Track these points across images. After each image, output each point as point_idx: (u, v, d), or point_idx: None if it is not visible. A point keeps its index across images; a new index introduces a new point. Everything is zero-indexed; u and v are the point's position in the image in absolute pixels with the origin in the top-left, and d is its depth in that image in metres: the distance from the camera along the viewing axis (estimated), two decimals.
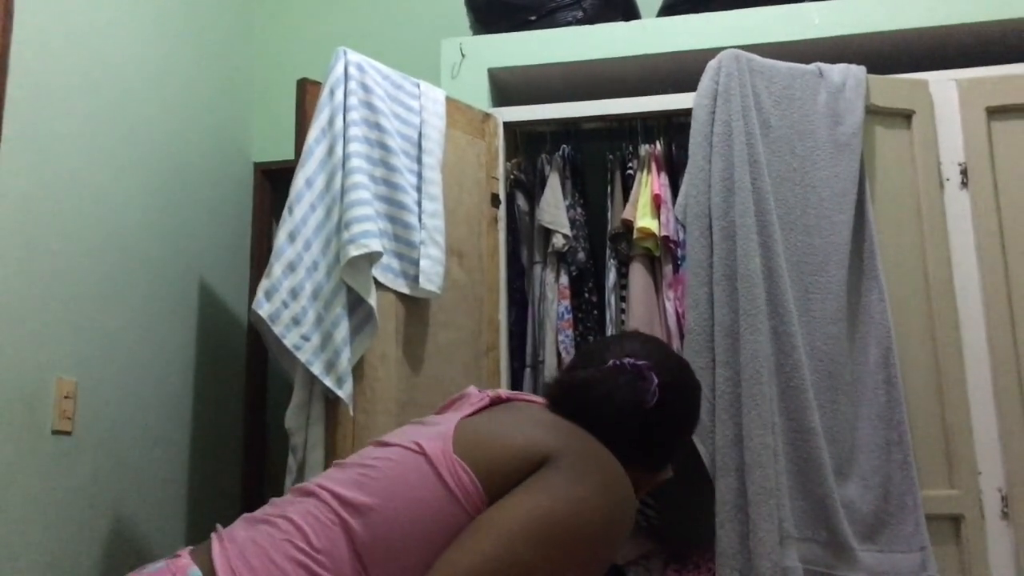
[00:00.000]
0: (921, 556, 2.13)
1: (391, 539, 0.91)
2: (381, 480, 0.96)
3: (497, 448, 0.97)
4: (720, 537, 2.08)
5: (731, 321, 2.18)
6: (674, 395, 1.12)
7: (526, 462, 0.95)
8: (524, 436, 0.99)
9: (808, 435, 2.13)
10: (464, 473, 0.94)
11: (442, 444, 0.98)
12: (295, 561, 0.91)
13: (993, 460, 2.24)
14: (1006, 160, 2.41)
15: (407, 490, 0.94)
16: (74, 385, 2.04)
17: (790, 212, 2.29)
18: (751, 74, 2.34)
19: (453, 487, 0.93)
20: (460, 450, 0.96)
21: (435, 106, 2.47)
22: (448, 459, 0.95)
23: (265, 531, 0.95)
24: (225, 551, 0.93)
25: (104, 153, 2.23)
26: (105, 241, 2.21)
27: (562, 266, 2.69)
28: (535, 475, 0.93)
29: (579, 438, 1.01)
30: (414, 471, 0.96)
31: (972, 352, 2.31)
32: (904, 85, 2.48)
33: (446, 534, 0.91)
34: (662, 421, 1.10)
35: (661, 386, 1.10)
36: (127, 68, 2.36)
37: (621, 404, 1.09)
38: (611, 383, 1.12)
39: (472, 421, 1.04)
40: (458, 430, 1.01)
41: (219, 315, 2.79)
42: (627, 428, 1.08)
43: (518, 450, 0.96)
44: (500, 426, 1.02)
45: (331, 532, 0.92)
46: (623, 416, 1.09)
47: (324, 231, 2.21)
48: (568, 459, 0.95)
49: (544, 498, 0.91)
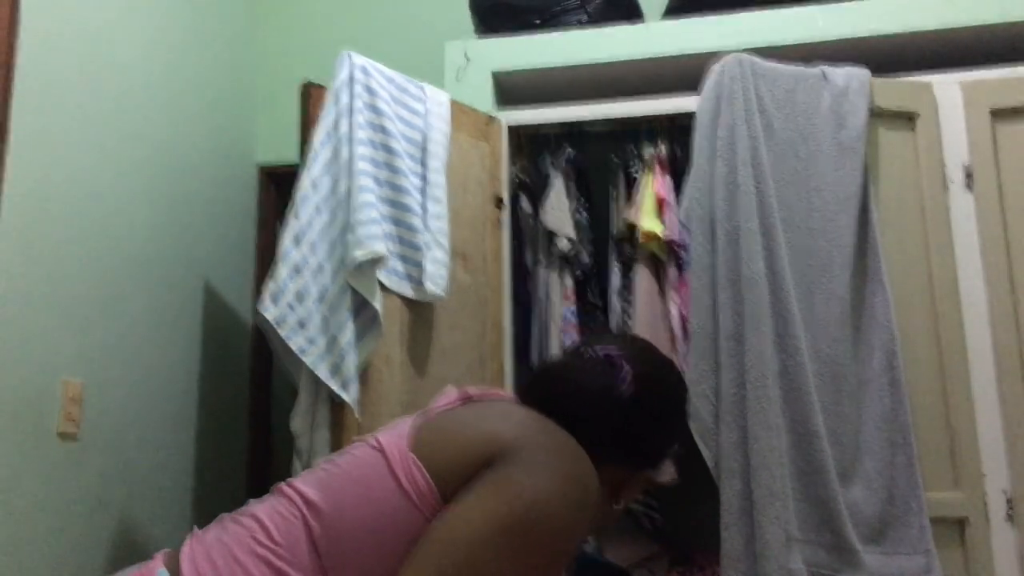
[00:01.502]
0: (925, 559, 2.13)
1: (344, 535, 0.91)
2: (339, 477, 0.97)
3: (452, 445, 0.95)
4: (725, 540, 2.08)
5: (735, 324, 2.18)
6: (652, 388, 1.08)
7: (479, 458, 0.93)
8: (478, 431, 0.97)
9: (812, 438, 2.13)
10: (418, 471, 0.93)
11: (399, 441, 0.97)
12: (255, 555, 0.93)
13: (998, 462, 2.24)
14: (1011, 162, 2.41)
15: (361, 488, 0.94)
16: (80, 388, 2.04)
17: (793, 215, 2.29)
18: (754, 77, 2.34)
19: (407, 485, 0.92)
20: (416, 448, 0.96)
21: (439, 109, 2.48)
22: (403, 457, 0.95)
23: (232, 529, 0.97)
24: (192, 551, 0.96)
25: (109, 155, 2.24)
26: (110, 244, 2.22)
27: (566, 269, 2.70)
28: (489, 473, 0.91)
29: (537, 429, 0.97)
30: (371, 468, 0.96)
31: (977, 354, 2.30)
32: (908, 87, 2.48)
33: (399, 533, 0.91)
34: (638, 413, 1.06)
35: (637, 377, 1.07)
36: (132, 71, 2.37)
37: (589, 390, 1.06)
38: (580, 370, 1.10)
39: (434, 419, 1.02)
40: (418, 428, 1.00)
41: (224, 318, 2.79)
42: (599, 418, 1.05)
43: (471, 446, 0.94)
44: (458, 423, 1.00)
45: (292, 526, 0.94)
46: (593, 404, 1.06)
47: (329, 234, 2.22)
48: (521, 451, 0.92)
49: (498, 500, 0.89)
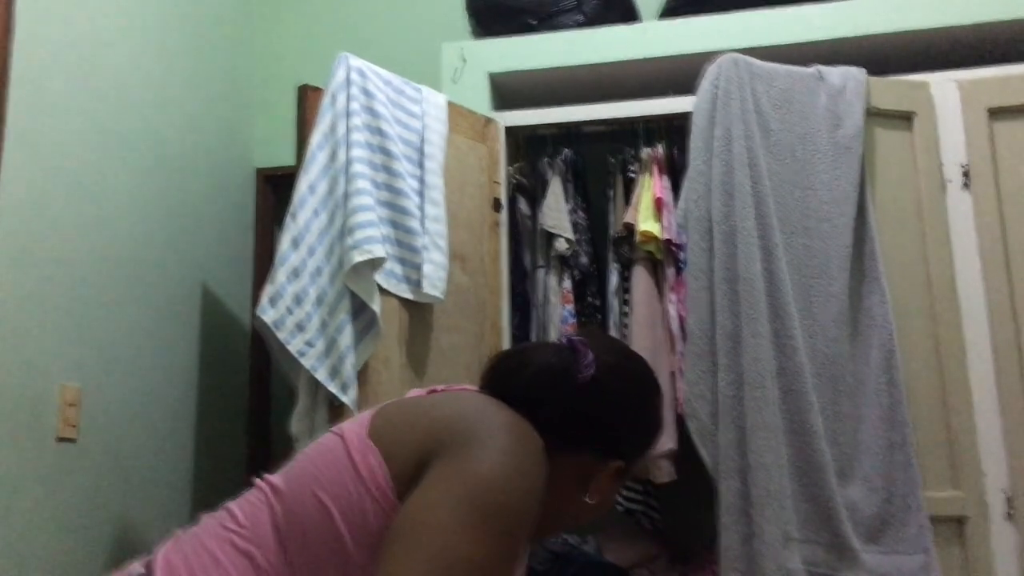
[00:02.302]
0: (924, 558, 2.13)
1: (300, 516, 0.93)
2: (302, 462, 1.00)
3: (404, 431, 0.96)
4: (723, 539, 2.09)
5: (733, 325, 2.18)
6: (616, 375, 1.07)
7: (429, 443, 0.93)
8: (429, 417, 0.97)
9: (810, 438, 2.13)
10: (372, 456, 0.94)
11: (359, 429, 0.98)
12: (220, 538, 0.95)
13: (997, 461, 2.24)
14: (1008, 161, 2.41)
15: (319, 471, 0.95)
16: (78, 392, 2.04)
17: (790, 216, 2.29)
18: (750, 77, 2.35)
19: (362, 470, 0.93)
20: (373, 434, 0.97)
21: (437, 111, 2.48)
22: (361, 442, 0.96)
23: (205, 522, 1.00)
24: (167, 547, 0.99)
25: (105, 158, 2.24)
26: (107, 247, 2.22)
27: (565, 270, 2.70)
28: (443, 460, 0.90)
29: (486, 411, 0.97)
30: (330, 453, 0.97)
31: (975, 353, 2.31)
32: (905, 87, 2.48)
33: (352, 517, 0.91)
34: (598, 398, 1.05)
35: (600, 364, 1.06)
36: (128, 74, 2.37)
37: (547, 371, 1.05)
38: (540, 351, 1.10)
39: (391, 407, 1.03)
40: (376, 415, 1.01)
41: (222, 321, 2.79)
42: (556, 400, 1.04)
43: (421, 431, 0.95)
44: (411, 411, 1.00)
45: (257, 510, 0.97)
46: (550, 384, 1.05)
47: (327, 237, 2.22)
48: (472, 433, 0.92)
49: (457, 484, 0.88)
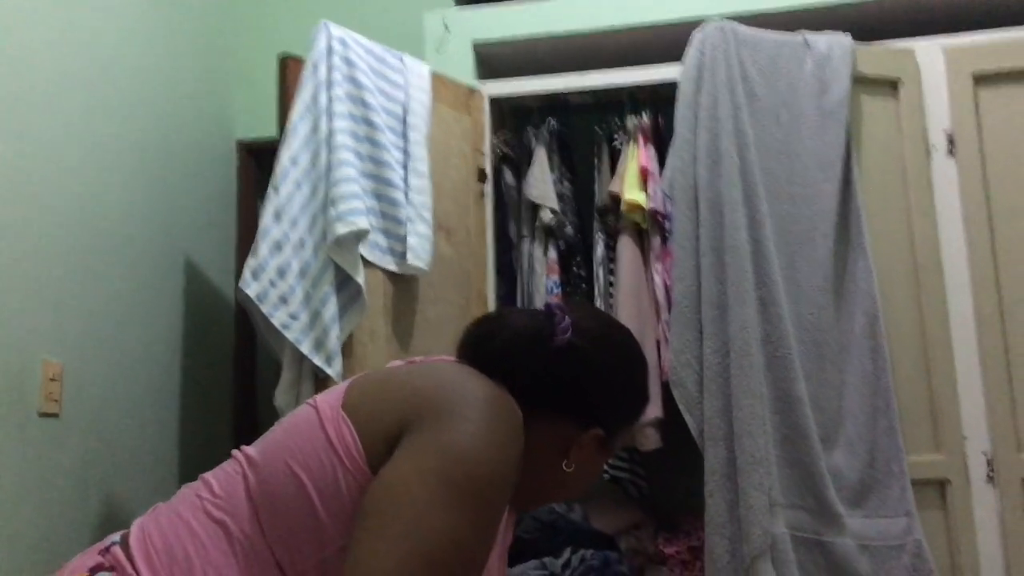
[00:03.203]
0: (907, 521, 2.16)
1: (274, 487, 0.92)
2: (277, 433, 0.99)
3: (376, 402, 0.95)
4: (709, 506, 2.11)
5: (718, 293, 2.18)
6: (594, 341, 1.05)
7: (401, 414, 0.91)
8: (402, 387, 0.96)
9: (795, 404, 2.14)
10: (346, 427, 0.93)
11: (333, 399, 0.98)
12: (195, 507, 0.95)
13: (979, 425, 2.27)
14: (993, 127, 2.41)
15: (294, 442, 0.95)
16: (60, 367, 2.03)
17: (776, 183, 2.29)
18: (736, 44, 2.33)
19: (335, 441, 0.92)
20: (348, 406, 0.95)
21: (420, 81, 2.45)
22: (334, 413, 0.95)
23: (181, 493, 1.00)
24: (144, 517, 0.99)
25: (85, 132, 2.21)
26: (87, 221, 2.19)
27: (550, 240, 2.69)
28: (416, 432, 0.89)
29: (460, 380, 0.95)
30: (304, 424, 0.96)
31: (958, 318, 2.32)
32: (890, 53, 2.47)
33: (325, 488, 0.90)
34: (575, 363, 1.03)
35: (579, 329, 1.04)
36: (105, 45, 2.33)
37: (524, 334, 1.04)
38: (517, 316, 1.08)
39: (366, 378, 1.01)
40: (353, 387, 0.99)
41: (206, 294, 2.78)
42: (531, 364, 1.02)
43: (394, 402, 0.94)
44: (385, 382, 0.99)
45: (231, 479, 0.96)
46: (526, 349, 1.03)
47: (310, 209, 2.20)
48: (444, 405, 0.91)
49: (430, 457, 0.87)
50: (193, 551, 0.91)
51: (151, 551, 0.92)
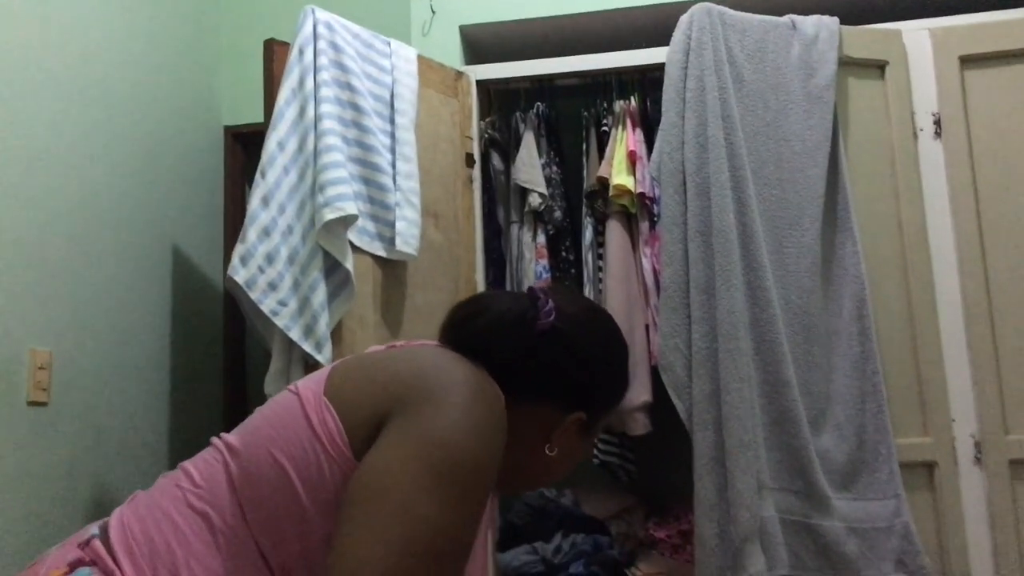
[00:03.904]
0: (895, 503, 2.17)
1: (257, 475, 0.92)
2: (258, 420, 0.98)
3: (359, 387, 0.94)
4: (698, 490, 2.11)
5: (706, 277, 2.18)
6: (577, 326, 1.05)
7: (383, 400, 0.91)
8: (384, 373, 0.95)
9: (783, 388, 2.15)
10: (328, 414, 0.92)
11: (314, 386, 0.97)
12: (176, 498, 0.94)
13: (966, 407, 2.28)
14: (979, 109, 2.41)
15: (276, 430, 0.94)
16: (49, 355, 2.02)
17: (764, 167, 2.29)
18: (723, 27, 2.32)
19: (318, 428, 0.91)
20: (330, 392, 0.95)
21: (407, 65, 2.44)
22: (317, 400, 0.94)
23: (161, 483, 0.99)
24: (123, 508, 0.98)
25: (70, 120, 2.19)
26: (74, 209, 2.18)
27: (539, 225, 2.69)
28: (398, 419, 0.89)
29: (442, 366, 0.95)
30: (286, 411, 0.95)
31: (945, 301, 2.33)
32: (877, 35, 2.46)
33: (309, 476, 0.90)
34: (557, 347, 1.03)
35: (561, 313, 1.04)
36: (89, 31, 2.30)
37: (506, 317, 1.04)
38: (499, 299, 1.08)
39: (347, 363, 1.01)
40: (335, 373, 0.98)
41: (194, 281, 2.76)
42: (513, 347, 1.02)
43: (376, 388, 0.93)
44: (367, 367, 0.98)
45: (213, 469, 0.95)
46: (508, 332, 1.03)
47: (298, 195, 2.19)
48: (426, 391, 0.91)
49: (413, 445, 0.86)
50: (175, 543, 0.90)
51: (132, 544, 0.91)
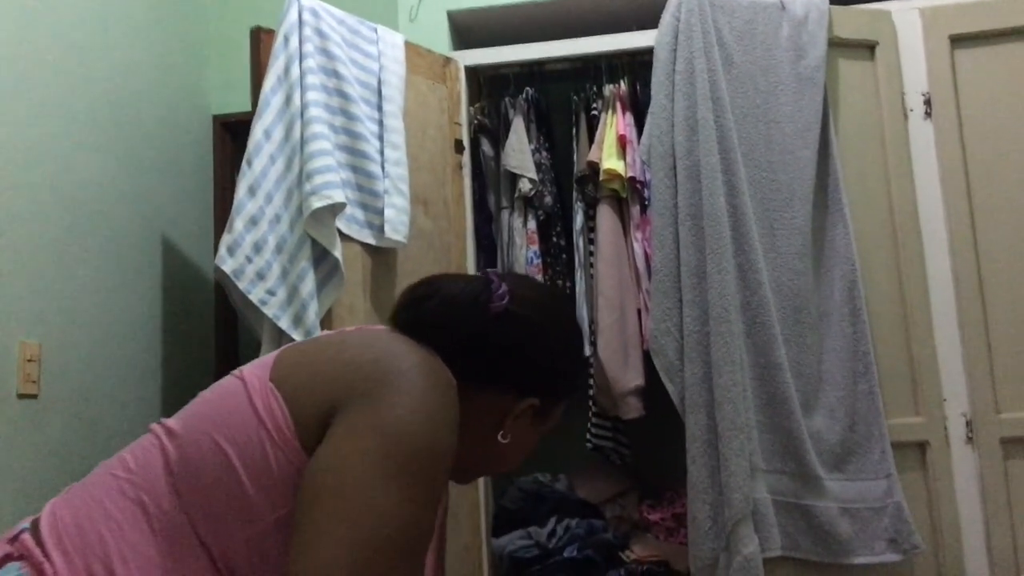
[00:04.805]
0: (887, 483, 2.17)
1: (196, 459, 0.90)
2: (200, 404, 0.96)
3: (308, 374, 0.92)
4: (691, 473, 2.12)
5: (697, 260, 2.18)
6: (530, 310, 1.04)
7: (335, 389, 0.89)
8: (335, 361, 0.93)
9: (775, 370, 2.15)
10: (275, 400, 0.90)
11: (260, 371, 0.95)
12: (109, 486, 0.92)
13: (958, 387, 2.28)
14: (970, 89, 2.40)
15: (220, 414, 0.92)
16: (38, 348, 2.01)
17: (754, 149, 2.28)
18: (712, 9, 2.31)
19: (263, 415, 0.89)
20: (276, 377, 0.93)
21: (394, 51, 2.42)
22: (262, 385, 0.92)
23: (96, 472, 0.97)
24: (56, 500, 0.96)
25: (57, 111, 2.17)
26: (62, 200, 2.16)
27: (529, 211, 2.68)
28: (352, 410, 0.87)
29: (394, 352, 0.93)
30: (231, 396, 0.93)
31: (937, 282, 2.33)
32: (867, 15, 2.45)
33: (252, 463, 0.88)
34: (510, 331, 1.02)
35: (515, 297, 1.03)
36: (74, 21, 2.28)
37: (458, 300, 1.02)
38: (452, 282, 1.07)
39: (295, 348, 0.98)
40: (282, 358, 0.96)
41: (184, 271, 2.75)
42: (464, 329, 1.01)
43: (326, 376, 0.91)
44: (316, 353, 0.96)
45: (148, 454, 0.93)
46: (457, 312, 1.01)
47: (285, 183, 2.18)
48: (379, 380, 0.89)
49: (369, 436, 0.85)
50: (108, 532, 0.88)
51: (63, 536, 0.89)
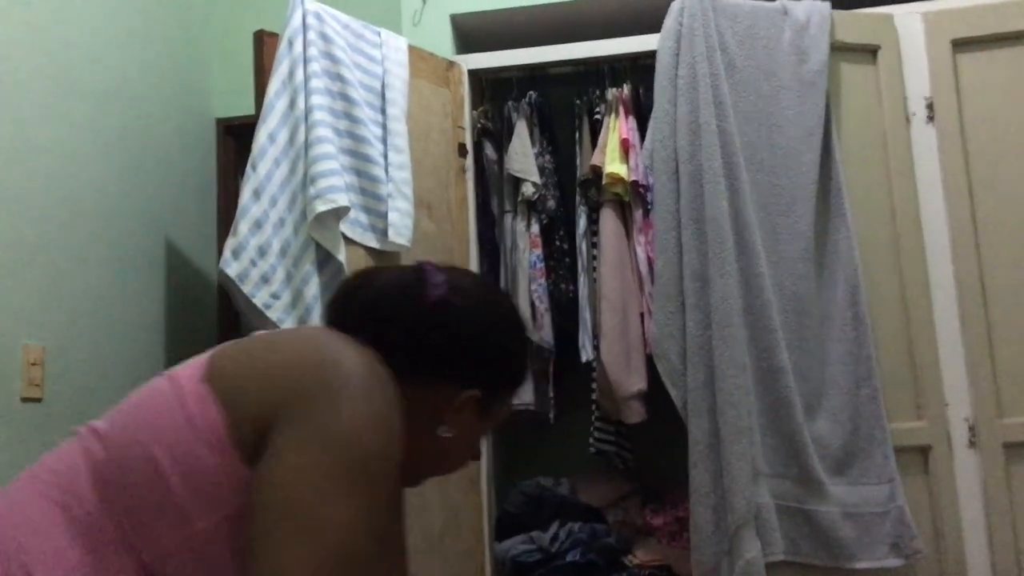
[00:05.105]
0: (890, 487, 2.18)
1: (123, 465, 0.87)
2: (128, 406, 0.94)
3: (247, 377, 0.90)
4: (694, 476, 2.12)
5: (700, 264, 2.18)
6: (467, 300, 1.03)
7: (276, 395, 0.87)
8: (271, 363, 0.90)
9: (778, 374, 2.15)
10: (208, 403, 0.88)
11: (192, 371, 0.92)
12: (31, 491, 0.90)
13: (960, 391, 2.28)
14: (972, 93, 2.41)
15: (149, 416, 0.90)
16: (41, 351, 2.01)
17: (756, 153, 2.29)
18: (715, 13, 2.31)
19: (195, 417, 0.87)
20: (210, 378, 0.90)
21: (398, 55, 2.43)
22: (194, 387, 0.89)
23: (20, 478, 0.94)
24: None
25: (60, 113, 2.18)
26: (65, 204, 2.17)
27: (532, 215, 2.68)
28: (296, 421, 0.85)
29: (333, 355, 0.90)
30: (161, 398, 0.91)
31: (939, 286, 2.33)
32: (869, 20, 2.46)
33: (184, 467, 0.85)
34: (446, 322, 1.00)
35: (452, 287, 1.01)
36: (78, 24, 2.29)
37: (392, 291, 1.01)
38: (387, 273, 1.06)
39: (232, 350, 0.95)
40: (215, 358, 0.93)
41: (188, 275, 2.76)
42: (400, 320, 0.99)
43: (265, 380, 0.88)
44: (253, 355, 0.93)
45: (73, 457, 0.91)
46: (392, 303, 1.00)
47: (289, 187, 2.18)
48: (321, 386, 0.87)
49: (318, 447, 0.83)
50: (30, 538, 0.86)
51: None
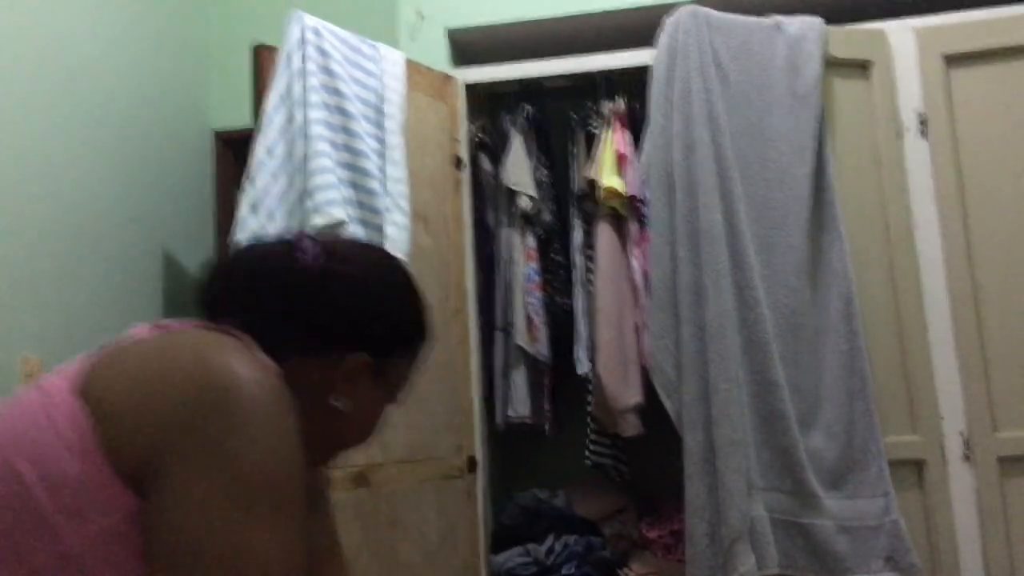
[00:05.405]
0: (885, 501, 2.18)
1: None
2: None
3: (123, 391, 0.84)
4: (688, 489, 2.12)
5: (695, 278, 2.19)
6: (344, 263, 1.00)
7: (159, 416, 0.82)
8: (151, 374, 0.85)
9: (772, 388, 2.16)
10: (81, 416, 0.83)
11: (63, 382, 0.87)
12: None
13: (955, 405, 2.29)
14: (964, 107, 2.42)
15: (14, 428, 0.85)
16: (39, 363, 2.02)
17: (750, 167, 2.30)
18: (709, 29, 2.33)
19: (65, 432, 0.82)
20: (85, 391, 0.85)
21: (395, 69, 2.44)
22: (64, 399, 0.85)
23: None
24: None
25: (59, 126, 2.19)
26: (63, 216, 2.18)
27: (528, 228, 2.69)
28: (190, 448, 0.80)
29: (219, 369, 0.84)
30: (28, 408, 0.86)
31: (932, 300, 2.34)
32: (862, 35, 2.47)
33: (56, 487, 0.81)
34: (325, 289, 0.98)
35: (326, 250, 0.99)
36: (77, 36, 2.30)
37: (260, 264, 1.00)
38: (259, 246, 1.03)
39: (108, 357, 0.90)
40: (88, 367, 0.88)
41: (185, 287, 2.76)
42: (277, 295, 0.97)
43: (144, 396, 0.83)
44: (128, 365, 0.88)
45: None
46: (264, 277, 0.98)
47: (287, 200, 2.19)
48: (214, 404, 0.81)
49: (220, 475, 0.79)
50: None
51: None
